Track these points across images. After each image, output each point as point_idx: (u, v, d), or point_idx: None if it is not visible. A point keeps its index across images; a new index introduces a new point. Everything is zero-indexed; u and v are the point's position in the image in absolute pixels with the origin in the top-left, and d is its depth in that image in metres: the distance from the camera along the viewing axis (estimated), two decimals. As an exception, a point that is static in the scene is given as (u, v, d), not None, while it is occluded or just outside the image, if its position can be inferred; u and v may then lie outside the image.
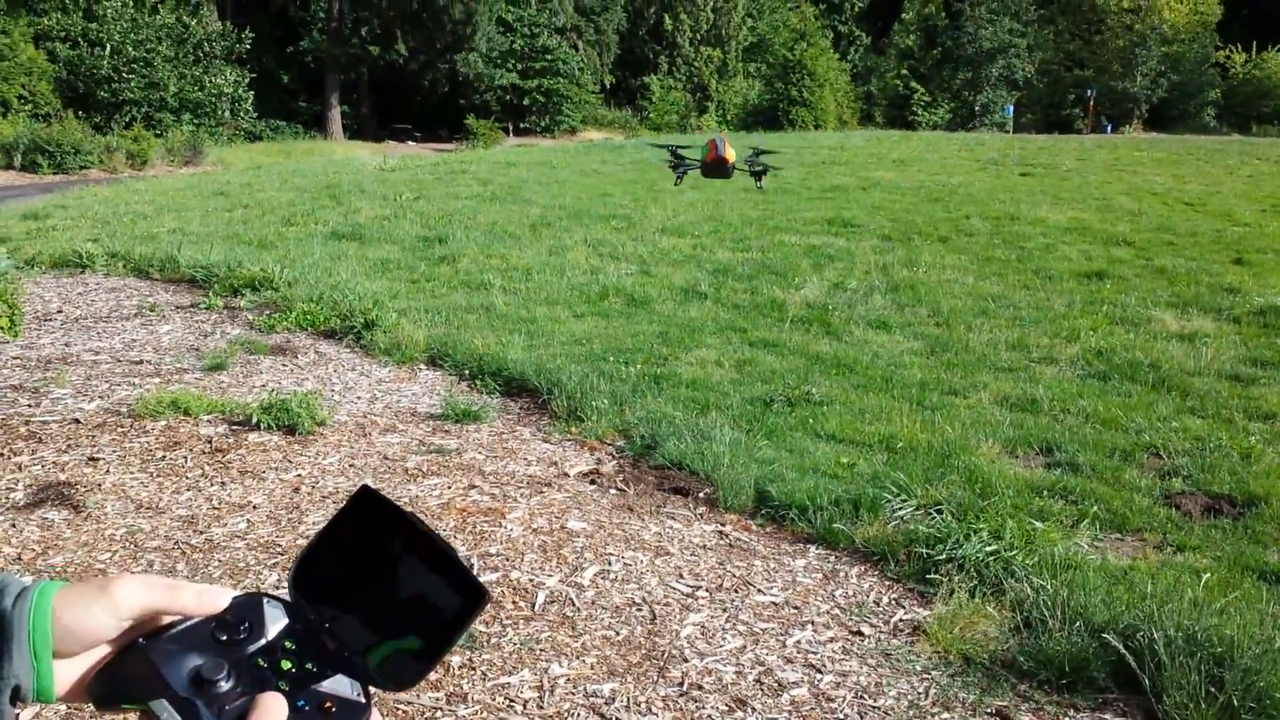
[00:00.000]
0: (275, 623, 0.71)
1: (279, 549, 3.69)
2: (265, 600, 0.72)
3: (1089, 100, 47.42)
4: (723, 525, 4.03)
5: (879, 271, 9.07)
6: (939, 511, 3.91)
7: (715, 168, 14.83)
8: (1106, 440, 4.93)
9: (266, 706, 0.65)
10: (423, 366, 6.29)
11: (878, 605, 3.44)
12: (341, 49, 33.11)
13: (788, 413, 5.29)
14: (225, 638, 0.68)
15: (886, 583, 3.60)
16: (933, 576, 3.49)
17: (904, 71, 47.15)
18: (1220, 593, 3.32)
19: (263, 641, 0.69)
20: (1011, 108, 44.95)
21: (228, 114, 30.13)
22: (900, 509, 3.94)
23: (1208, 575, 3.48)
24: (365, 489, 0.73)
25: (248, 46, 31.71)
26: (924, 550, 3.60)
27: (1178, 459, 4.72)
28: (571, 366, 5.81)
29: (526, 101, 40.10)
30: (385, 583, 0.72)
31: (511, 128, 39.51)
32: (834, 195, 14.89)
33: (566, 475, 4.52)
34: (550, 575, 3.55)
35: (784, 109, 41.44)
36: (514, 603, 3.34)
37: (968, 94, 47.20)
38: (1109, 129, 45.96)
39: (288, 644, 0.70)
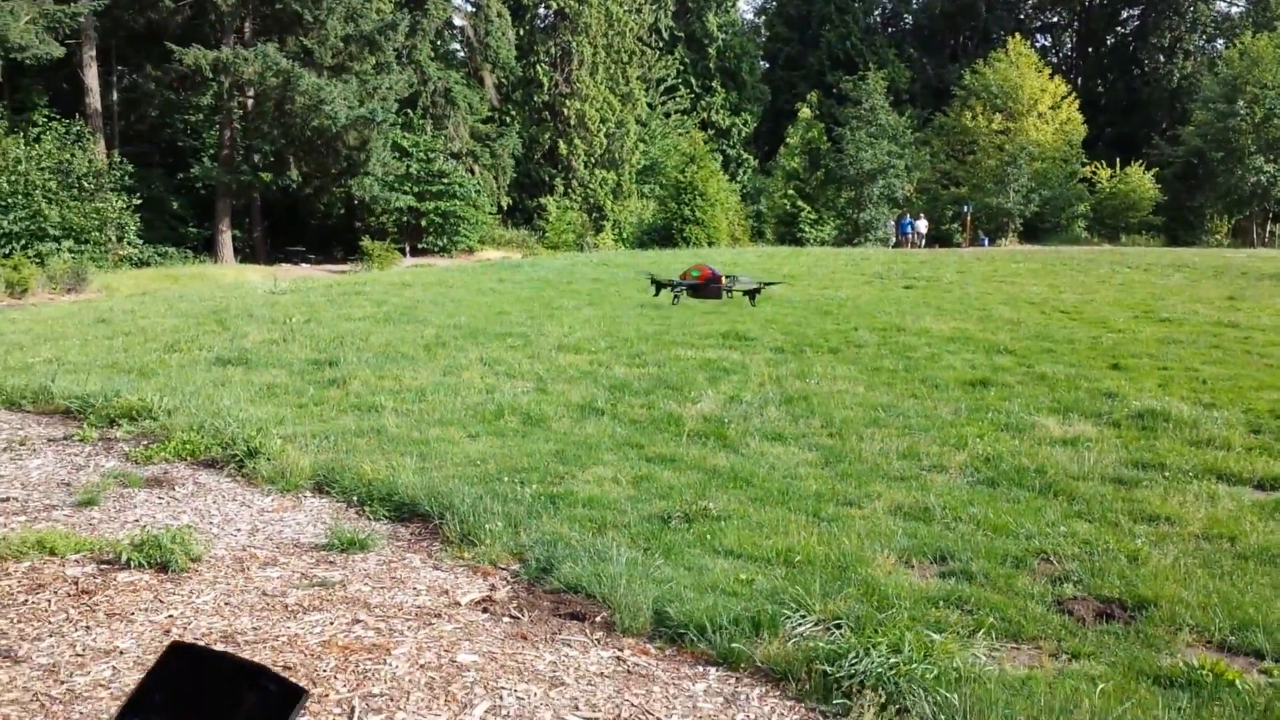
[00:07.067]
0: None
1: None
2: None
3: (966, 215, 49.95)
4: (620, 650, 3.91)
5: (773, 384, 9.18)
6: (838, 626, 3.87)
7: (706, 288, 15.46)
8: (998, 547, 4.98)
9: None
10: (308, 494, 6.06)
11: (780, 728, 3.34)
12: (232, 175, 32.82)
13: (685, 529, 5.23)
14: None
15: (789, 703, 3.51)
16: (838, 701, 3.42)
17: (790, 191, 49.13)
18: (1116, 700, 3.33)
19: None
20: (910, 221, 46.71)
21: (112, 240, 29.41)
22: (799, 625, 3.89)
23: (1103, 684, 3.49)
24: (176, 645, 0.72)
25: (130, 173, 31.40)
26: (824, 667, 3.54)
27: (1068, 564, 4.78)
28: (465, 488, 5.67)
29: (423, 223, 40.19)
30: None
31: (409, 248, 39.47)
32: (727, 309, 15.18)
33: (458, 604, 4.35)
34: (437, 715, 3.37)
35: (678, 227, 42.56)
36: (400, 746, 3.16)
37: (852, 211, 49.29)
38: (986, 242, 48.37)
39: None
